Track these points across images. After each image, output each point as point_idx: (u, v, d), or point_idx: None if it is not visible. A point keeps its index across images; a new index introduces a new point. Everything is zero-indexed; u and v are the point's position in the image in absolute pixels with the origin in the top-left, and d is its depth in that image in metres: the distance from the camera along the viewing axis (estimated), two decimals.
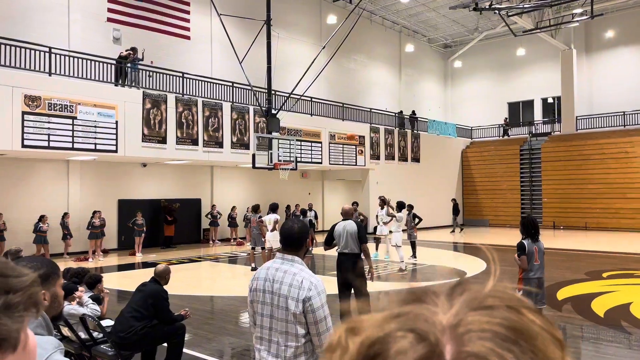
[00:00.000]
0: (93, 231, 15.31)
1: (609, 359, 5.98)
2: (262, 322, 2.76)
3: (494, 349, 0.39)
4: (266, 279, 2.76)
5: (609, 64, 27.64)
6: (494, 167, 28.33)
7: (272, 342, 2.71)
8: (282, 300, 2.67)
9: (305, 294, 2.62)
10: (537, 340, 0.41)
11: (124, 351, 4.99)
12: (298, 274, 2.71)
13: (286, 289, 2.67)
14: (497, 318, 0.42)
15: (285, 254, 2.83)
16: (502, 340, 0.40)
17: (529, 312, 0.43)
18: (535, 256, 5.87)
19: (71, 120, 13.59)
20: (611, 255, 15.35)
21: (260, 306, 2.78)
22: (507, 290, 0.46)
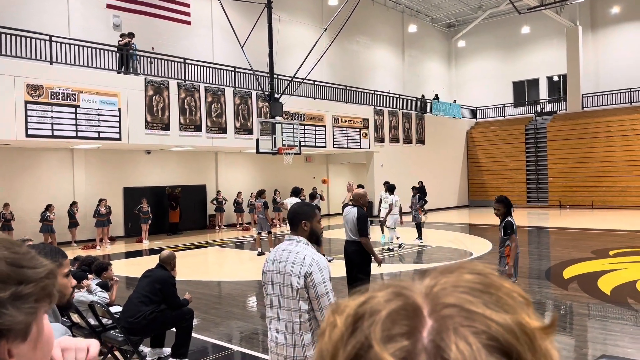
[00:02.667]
0: (99, 219, 15.40)
1: (616, 336, 5.99)
2: (272, 301, 2.90)
3: (467, 298, 0.43)
4: (274, 260, 2.91)
5: (615, 41, 27.25)
6: (499, 147, 28.18)
7: (280, 320, 2.83)
8: (287, 278, 2.79)
9: (306, 270, 2.74)
10: (503, 290, 0.45)
11: (133, 336, 5.05)
12: (301, 252, 2.84)
13: (290, 266, 2.80)
14: (467, 277, 0.46)
15: (292, 234, 2.97)
16: (473, 291, 0.44)
17: (496, 276, 0.47)
18: (517, 232, 6.03)
19: (74, 109, 13.59)
20: (617, 234, 15.32)
21: (270, 286, 2.91)
22: (476, 263, 0.49)
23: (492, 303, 0.43)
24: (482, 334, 0.41)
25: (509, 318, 0.42)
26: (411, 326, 0.42)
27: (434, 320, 0.42)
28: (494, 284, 0.46)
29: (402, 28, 30.26)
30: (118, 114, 14.49)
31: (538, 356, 0.41)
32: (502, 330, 0.41)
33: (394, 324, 0.42)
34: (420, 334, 0.41)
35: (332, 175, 25.35)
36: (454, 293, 0.44)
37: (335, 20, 15.86)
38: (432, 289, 0.45)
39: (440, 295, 0.44)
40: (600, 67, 27.67)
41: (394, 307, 0.44)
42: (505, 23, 30.66)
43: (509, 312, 0.43)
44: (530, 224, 18.98)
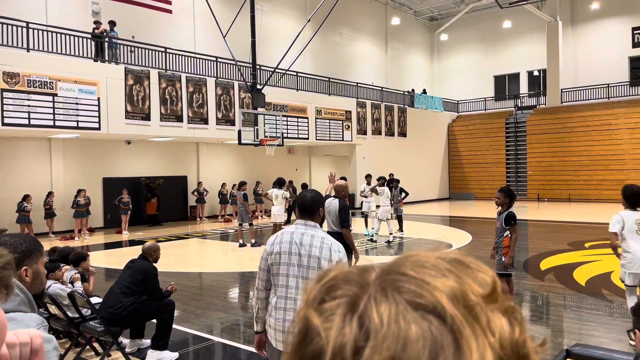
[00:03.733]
0: (78, 210, 15.17)
1: (590, 327, 6.14)
2: (289, 282, 2.99)
3: (417, 269, 0.43)
4: (292, 242, 3.01)
5: (594, 36, 27.67)
6: (480, 141, 28.49)
7: (298, 300, 2.92)
8: (314, 261, 2.96)
9: (339, 256, 3.00)
10: (464, 264, 0.45)
11: (112, 327, 5.00)
12: (326, 238, 3.05)
13: (317, 250, 2.98)
14: (433, 254, 0.46)
15: (307, 220, 3.10)
16: (428, 264, 0.44)
17: (467, 257, 0.47)
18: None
19: (52, 97, 13.32)
20: (593, 226, 15.65)
21: (285, 268, 3.00)
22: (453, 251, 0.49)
23: (444, 271, 0.43)
24: (416, 296, 0.41)
25: (451, 284, 0.42)
26: (351, 290, 0.43)
27: (375, 285, 0.43)
28: (461, 261, 0.45)
29: (385, 20, 30.28)
30: (97, 103, 14.26)
31: (480, 324, 0.40)
32: (439, 294, 0.41)
33: (336, 289, 0.44)
34: (357, 298, 0.42)
35: (314, 167, 25.36)
36: (408, 265, 0.44)
37: (318, 11, 15.79)
38: (392, 262, 0.46)
39: (394, 267, 0.44)
40: (579, 62, 28.10)
41: (340, 274, 0.45)
42: (487, 17, 30.89)
43: (456, 279, 0.43)
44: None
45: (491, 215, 11.39)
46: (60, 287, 5.35)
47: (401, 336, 0.39)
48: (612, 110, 24.54)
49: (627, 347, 5.20)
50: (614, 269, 9.07)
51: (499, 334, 0.41)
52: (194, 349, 5.83)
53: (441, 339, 0.39)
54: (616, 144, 24.02)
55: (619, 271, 7.22)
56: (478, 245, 12.47)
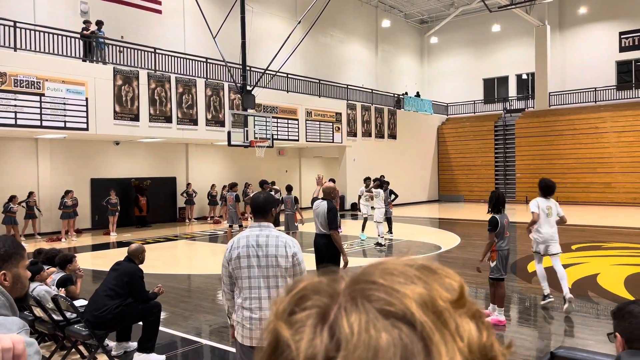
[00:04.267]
0: (65, 211, 15.01)
1: (577, 328, 6.19)
2: (251, 283, 3.18)
3: (386, 276, 0.43)
4: (249, 246, 3.20)
5: (582, 40, 27.97)
6: (469, 144, 28.65)
7: (262, 298, 3.16)
8: (272, 260, 3.16)
9: (292, 250, 3.21)
10: (431, 270, 0.45)
11: (98, 330, 4.95)
12: (280, 236, 3.26)
13: (274, 249, 3.17)
14: (401, 261, 0.46)
15: (260, 221, 3.32)
16: (396, 271, 0.44)
17: (434, 264, 0.47)
18: (505, 229, 6.15)
19: (39, 97, 13.20)
20: (580, 229, 15.78)
21: (246, 270, 3.18)
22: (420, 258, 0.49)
23: (412, 278, 0.43)
24: (386, 304, 0.41)
25: (420, 290, 0.42)
26: (321, 301, 0.43)
27: (345, 294, 0.43)
28: (428, 267, 0.45)
29: (376, 23, 30.37)
30: (85, 103, 14.14)
31: (449, 329, 0.41)
32: (408, 302, 0.41)
33: (306, 300, 0.43)
34: (327, 308, 0.42)
35: (304, 169, 25.34)
36: (377, 273, 0.44)
37: (309, 13, 15.80)
38: (361, 271, 0.46)
39: (363, 276, 0.44)
40: (567, 66, 28.39)
41: (310, 285, 0.45)
42: (476, 21, 31.11)
43: (425, 286, 0.43)
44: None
45: (480, 217, 11.44)
46: (45, 290, 5.29)
47: (372, 345, 0.38)
48: (599, 114, 24.80)
49: (612, 348, 5.25)
50: (599, 271, 9.17)
51: (468, 338, 0.41)
52: (182, 351, 5.79)
53: (412, 346, 0.39)
54: (603, 147, 24.29)
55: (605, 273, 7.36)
56: (466, 247, 12.54)
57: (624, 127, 23.95)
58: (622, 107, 24.71)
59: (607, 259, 10.59)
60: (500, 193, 6.31)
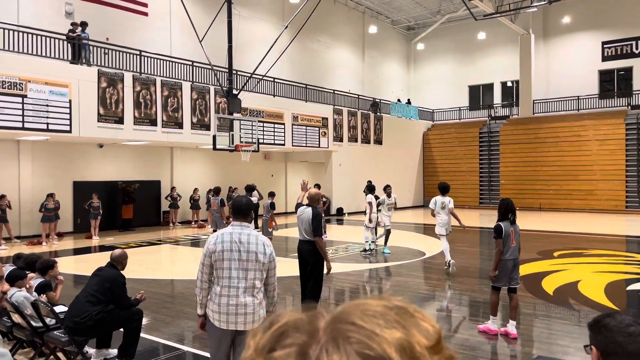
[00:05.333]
0: (46, 214, 14.79)
1: (557, 335, 6.25)
2: (231, 274, 3.65)
3: (366, 318, 0.44)
4: (232, 242, 3.67)
5: (565, 49, 28.41)
6: (454, 150, 28.88)
7: (239, 287, 3.65)
8: (252, 255, 3.66)
9: (270, 250, 3.77)
10: (409, 314, 0.46)
11: (77, 337, 4.88)
12: (259, 236, 3.79)
13: (254, 246, 3.69)
14: (379, 303, 0.47)
15: (242, 222, 3.79)
16: (377, 313, 0.45)
17: (411, 307, 0.48)
18: (511, 238, 6.02)
19: (21, 99, 13.01)
20: (562, 235, 15.98)
21: (228, 262, 3.65)
22: (398, 298, 0.50)
23: (391, 322, 0.44)
24: (365, 348, 0.41)
25: (399, 335, 0.43)
26: (300, 339, 0.43)
27: (326, 334, 0.43)
28: (406, 310, 0.46)
29: (363, 29, 30.53)
30: (69, 105, 13.98)
31: None
32: (387, 346, 0.41)
33: (286, 337, 0.44)
34: (307, 347, 0.42)
35: (290, 174, 25.31)
36: (357, 313, 0.45)
37: (296, 18, 15.82)
38: (341, 310, 0.46)
39: (343, 316, 0.45)
40: (550, 75, 28.80)
41: (290, 322, 0.45)
42: (462, 28, 31.43)
43: (403, 330, 0.43)
44: (481, 224, 19.54)
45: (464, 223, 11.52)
46: (24, 295, 5.20)
47: None
48: (582, 122, 25.18)
49: None
50: (580, 278, 9.28)
51: None
52: (164, 358, 5.72)
53: None
54: (585, 155, 24.65)
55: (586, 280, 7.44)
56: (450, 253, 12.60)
57: (605, 135, 24.35)
58: (604, 116, 25.12)
59: (588, 266, 10.73)
60: (509, 201, 6.19)
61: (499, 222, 6.03)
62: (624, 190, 23.83)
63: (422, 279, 10.13)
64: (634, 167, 23.74)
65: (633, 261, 11.48)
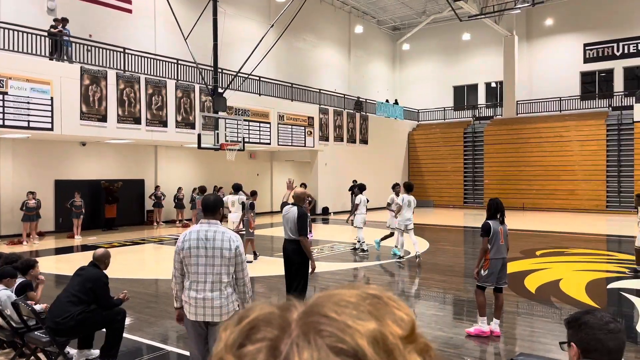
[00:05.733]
0: (27, 213, 14.56)
1: (539, 333, 6.33)
2: (198, 270, 3.84)
3: (338, 309, 0.43)
4: (199, 239, 3.85)
5: (548, 51, 28.78)
6: (439, 150, 29.08)
7: (207, 282, 3.82)
8: (218, 251, 3.81)
9: (236, 244, 3.88)
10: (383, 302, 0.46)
11: (59, 337, 4.81)
12: (226, 232, 3.92)
13: (219, 242, 3.83)
14: (353, 292, 0.47)
15: (210, 219, 3.94)
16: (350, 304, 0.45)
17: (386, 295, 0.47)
18: (500, 237, 5.96)
19: (1, 96, 12.79)
20: (544, 234, 16.19)
21: (195, 259, 3.83)
22: (372, 286, 0.49)
23: (364, 312, 0.43)
24: (337, 341, 0.40)
25: (372, 327, 0.42)
26: (272, 333, 0.42)
27: (297, 327, 0.42)
28: (380, 299, 0.46)
29: (349, 28, 30.58)
30: (50, 102, 13.77)
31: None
32: (360, 339, 0.41)
33: (256, 331, 0.43)
34: (279, 341, 0.41)
35: (276, 173, 25.26)
36: (329, 305, 0.44)
37: (282, 17, 15.79)
38: (313, 302, 0.45)
39: (316, 308, 0.44)
40: (533, 76, 29.15)
41: (261, 315, 0.44)
42: (447, 29, 31.66)
43: (376, 321, 0.43)
44: (466, 224, 19.71)
45: (449, 222, 11.59)
46: (7, 294, 5.11)
47: None
48: (564, 123, 25.53)
49: None
50: (562, 276, 9.41)
51: None
52: (147, 358, 5.67)
53: None
54: (567, 155, 25.00)
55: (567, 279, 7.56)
56: (435, 252, 12.70)
57: (587, 136, 24.72)
58: (586, 117, 25.51)
59: (570, 264, 10.88)
60: (498, 201, 6.11)
61: (487, 221, 5.99)
62: (605, 190, 24.23)
63: (407, 278, 10.18)
64: (614, 167, 24.15)
65: (613, 260, 11.67)
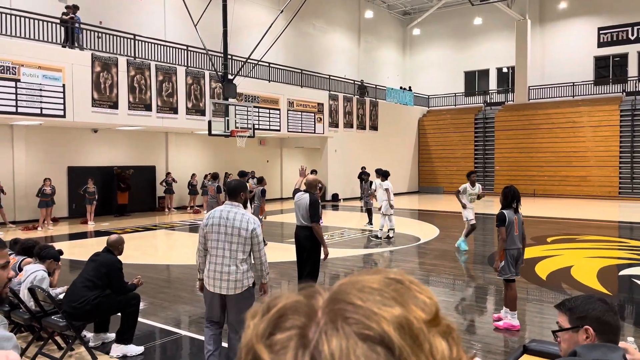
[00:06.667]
0: (44, 199, 14.75)
1: (550, 319, 6.34)
2: (218, 245, 4.28)
3: (363, 296, 0.44)
4: (221, 217, 4.30)
5: (561, 35, 28.34)
6: (450, 136, 28.91)
7: (225, 257, 4.26)
8: (236, 230, 4.24)
9: (252, 226, 4.28)
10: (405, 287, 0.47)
11: (75, 322, 4.91)
12: (245, 214, 4.34)
13: (238, 223, 4.26)
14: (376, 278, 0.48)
15: (232, 202, 4.39)
16: (374, 290, 0.45)
17: (407, 279, 0.48)
18: (514, 227, 5.80)
19: (14, 83, 12.88)
20: (556, 221, 16.11)
21: (216, 235, 4.28)
22: (393, 270, 0.50)
23: (388, 298, 0.44)
24: (364, 328, 0.42)
25: (398, 312, 0.43)
26: (300, 321, 0.43)
27: (324, 315, 0.43)
28: (402, 283, 0.47)
29: (359, 13, 30.30)
30: (62, 90, 13.86)
31: (424, 351, 0.42)
32: (386, 325, 0.42)
33: (285, 320, 0.44)
34: (307, 328, 0.43)
35: (285, 159, 25.30)
36: (354, 292, 0.45)
37: (291, 2, 15.68)
38: (337, 289, 0.46)
39: (341, 295, 0.45)
40: (546, 61, 28.75)
41: (288, 304, 0.45)
42: (458, 13, 31.25)
43: (401, 307, 0.44)
44: (476, 210, 19.62)
45: (458, 209, 11.60)
46: (44, 276, 5.19)
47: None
48: (577, 108, 25.23)
49: None
50: (573, 263, 9.38)
51: (440, 358, 0.43)
52: (160, 342, 5.77)
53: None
54: (579, 141, 24.74)
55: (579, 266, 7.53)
56: (445, 239, 12.71)
57: (600, 121, 24.42)
58: (599, 102, 25.17)
59: (581, 251, 10.85)
60: (515, 189, 5.91)
61: (502, 210, 5.82)
62: (617, 177, 23.99)
63: (417, 264, 10.22)
64: (627, 153, 23.87)
65: (625, 247, 11.61)
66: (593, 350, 1.86)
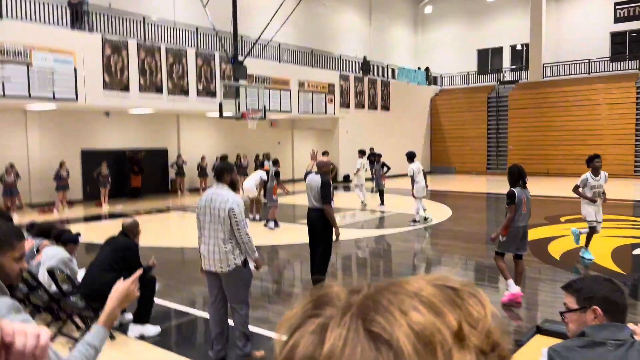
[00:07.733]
0: (60, 183, 14.96)
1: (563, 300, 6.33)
2: (204, 225, 4.49)
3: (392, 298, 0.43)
4: (206, 199, 4.50)
5: (577, 11, 27.71)
6: (462, 115, 28.61)
7: (211, 237, 4.45)
8: (216, 211, 4.41)
9: (229, 206, 4.36)
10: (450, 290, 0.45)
11: (94, 303, 5.00)
12: (225, 195, 4.44)
13: (217, 204, 4.40)
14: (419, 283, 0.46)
15: (218, 184, 4.51)
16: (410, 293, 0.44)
17: (454, 280, 0.47)
18: (523, 205, 5.93)
19: (26, 67, 12.95)
20: (570, 200, 15.93)
21: (203, 217, 4.49)
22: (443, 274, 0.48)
23: (421, 305, 0.42)
24: (376, 327, 0.41)
25: (421, 320, 0.41)
26: (331, 312, 0.44)
27: (355, 309, 0.43)
28: (457, 292, 0.45)
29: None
30: (74, 73, 13.90)
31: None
32: (399, 330, 0.40)
33: (319, 309, 0.45)
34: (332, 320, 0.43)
35: (297, 141, 25.25)
36: (385, 293, 0.44)
37: None
38: (377, 287, 0.45)
39: (375, 294, 0.44)
40: (561, 37, 28.18)
41: (335, 291, 0.46)
42: None
43: (433, 315, 0.42)
44: (489, 190, 19.54)
45: (471, 189, 11.50)
46: (69, 257, 5.31)
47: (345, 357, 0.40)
48: (592, 86, 24.78)
49: None
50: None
51: None
52: (176, 322, 5.88)
53: None
54: (595, 119, 24.35)
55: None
56: (458, 219, 12.68)
57: (616, 99, 23.98)
58: (615, 79, 24.68)
59: None
60: (520, 167, 6.09)
61: (512, 189, 5.95)
62: (633, 155, 23.64)
63: (428, 244, 10.22)
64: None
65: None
66: (601, 330, 1.87)
